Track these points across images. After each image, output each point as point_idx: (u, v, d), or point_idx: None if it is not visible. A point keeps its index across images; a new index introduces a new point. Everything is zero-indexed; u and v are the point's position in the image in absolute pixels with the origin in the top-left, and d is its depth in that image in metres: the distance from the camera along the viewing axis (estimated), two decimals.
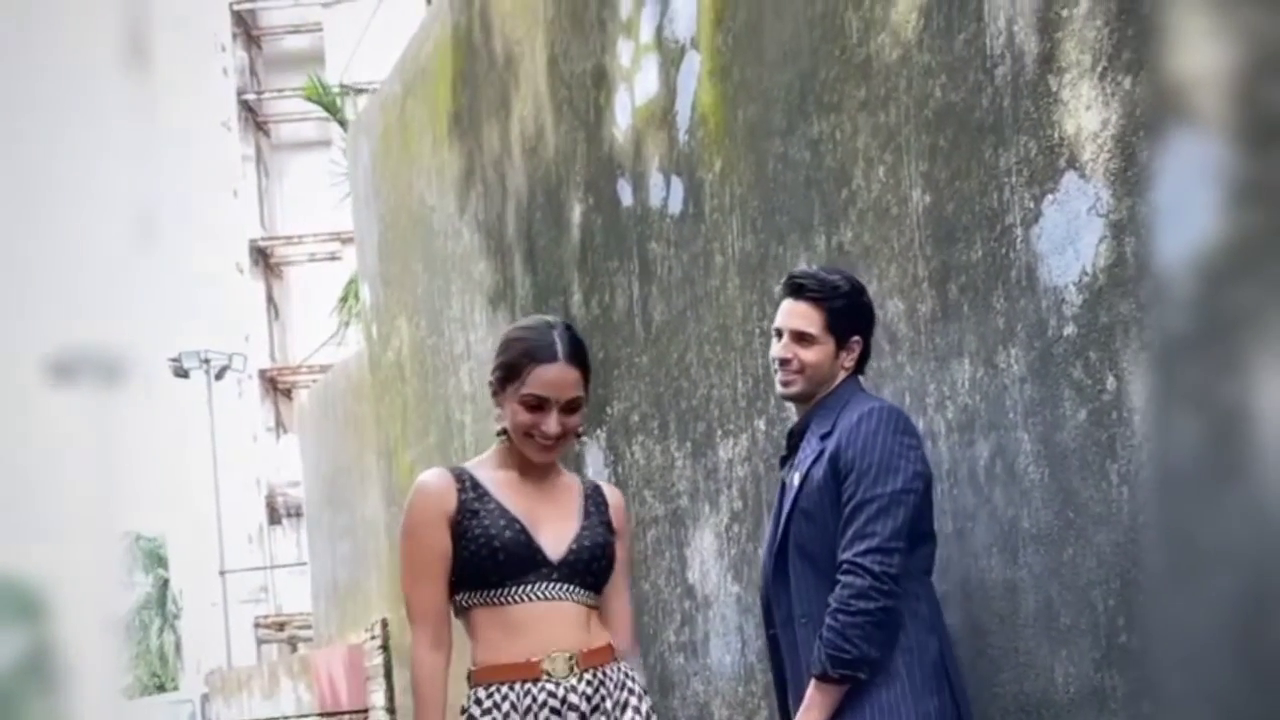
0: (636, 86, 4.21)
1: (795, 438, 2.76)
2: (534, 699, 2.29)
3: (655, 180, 4.12)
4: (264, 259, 23.52)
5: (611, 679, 2.35)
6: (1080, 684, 2.62)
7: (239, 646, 17.56)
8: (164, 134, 24.07)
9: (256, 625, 18.76)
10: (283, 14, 24.23)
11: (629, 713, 2.35)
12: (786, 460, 2.78)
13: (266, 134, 24.72)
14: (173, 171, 23.75)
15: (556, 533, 2.38)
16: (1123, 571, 2.53)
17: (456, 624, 2.42)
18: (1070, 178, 2.61)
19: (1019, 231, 2.74)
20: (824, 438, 2.62)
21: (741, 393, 3.74)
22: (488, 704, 2.31)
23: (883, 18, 3.10)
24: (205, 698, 13.97)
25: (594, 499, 2.47)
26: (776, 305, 2.76)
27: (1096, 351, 2.56)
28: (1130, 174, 2.49)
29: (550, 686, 2.29)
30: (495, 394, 2.42)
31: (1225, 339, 2.34)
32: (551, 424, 2.35)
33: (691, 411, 3.98)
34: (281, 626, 18.46)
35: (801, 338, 2.68)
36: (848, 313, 2.71)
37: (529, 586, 2.33)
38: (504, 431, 2.42)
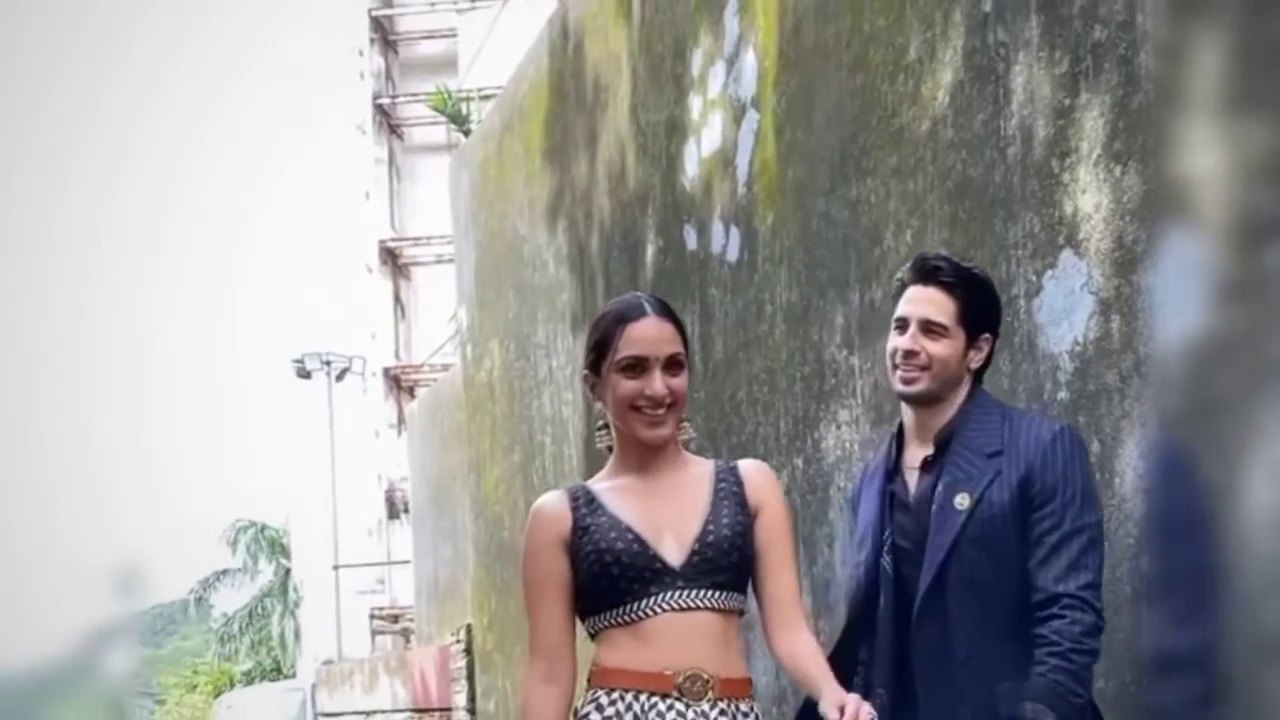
0: (704, 139, 4.48)
1: (919, 446, 2.40)
2: (660, 715, 2.07)
3: (716, 228, 4.39)
4: (393, 259, 24.15)
5: (746, 717, 2.12)
6: None
7: (356, 637, 18.16)
8: (300, 138, 24.97)
9: (372, 616, 19.36)
10: (419, 19, 24.86)
11: None
12: (895, 472, 2.42)
13: (400, 137, 25.36)
14: (309, 174, 24.62)
15: (679, 535, 2.15)
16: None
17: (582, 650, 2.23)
18: (1067, 255, 2.82)
19: (1022, 302, 2.95)
20: (992, 456, 2.31)
21: (784, 432, 3.98)
22: (610, 711, 2.09)
23: (914, 93, 3.33)
24: (314, 687, 14.57)
25: (726, 481, 2.21)
26: (896, 295, 2.45)
27: (1085, 416, 2.76)
28: (1117, 255, 2.69)
29: (680, 707, 2.07)
30: (593, 386, 2.20)
31: (1201, 412, 2.53)
32: (656, 384, 2.13)
33: (740, 446, 4.23)
34: (396, 619, 19.04)
35: (930, 329, 2.36)
36: (983, 305, 2.40)
37: (654, 599, 2.11)
38: (604, 425, 2.24)
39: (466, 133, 14.73)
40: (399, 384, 23.20)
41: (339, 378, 17.49)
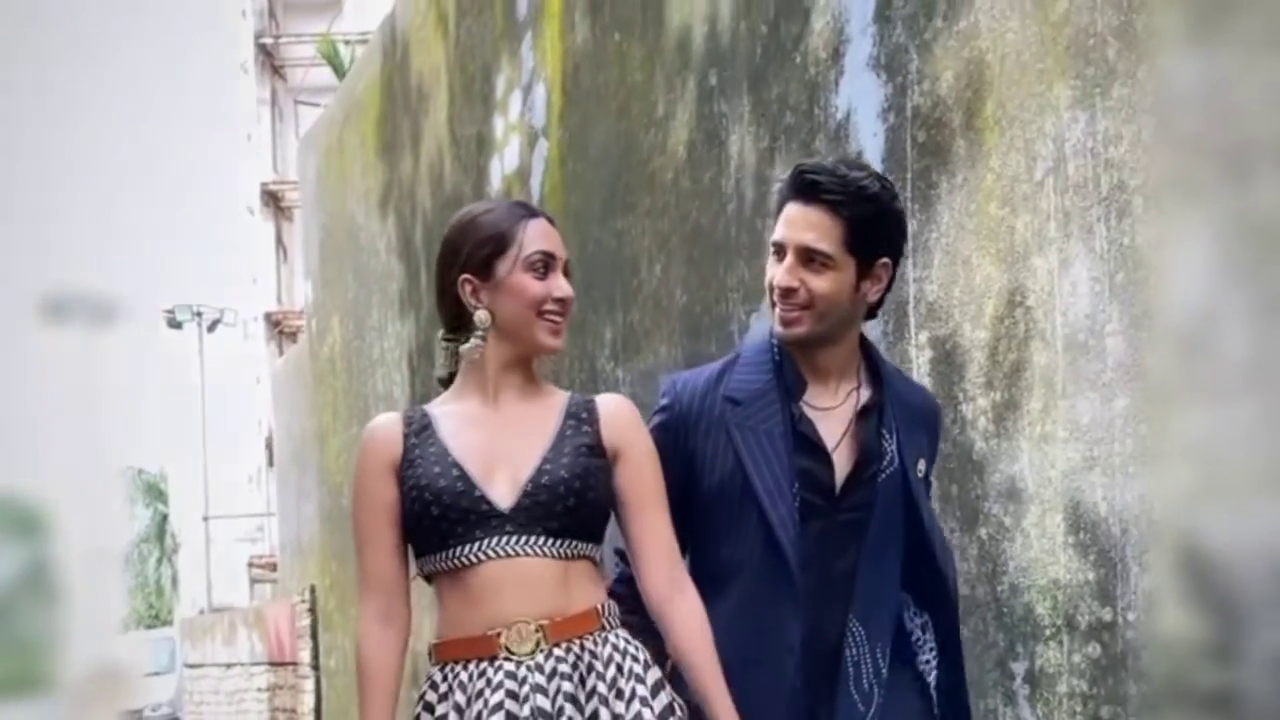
0: (506, 157, 4.91)
1: (819, 384, 2.03)
2: (488, 681, 1.85)
3: None
4: (275, 202, 24.04)
5: (599, 655, 1.88)
6: None
7: (237, 586, 18.40)
8: (181, 78, 24.66)
9: (250, 565, 19.61)
10: None
11: (631, 703, 1.86)
12: (797, 420, 2.00)
13: (283, 78, 25.14)
14: (190, 116, 24.32)
15: (513, 473, 1.91)
16: None
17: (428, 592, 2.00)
18: (767, 301, 3.31)
19: (737, 339, 3.45)
20: (922, 414, 2.06)
21: None
22: (443, 687, 1.88)
23: (662, 144, 3.80)
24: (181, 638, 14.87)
25: (577, 417, 1.96)
26: (777, 211, 2.06)
27: None
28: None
29: (509, 666, 1.84)
30: (476, 291, 1.96)
31: None
32: (565, 285, 1.98)
33: None
34: (274, 567, 19.30)
35: (811, 258, 1.98)
36: (877, 225, 1.96)
37: (479, 544, 1.88)
38: (451, 341, 2.02)
39: None
40: (280, 329, 23.27)
41: (210, 329, 17.62)
